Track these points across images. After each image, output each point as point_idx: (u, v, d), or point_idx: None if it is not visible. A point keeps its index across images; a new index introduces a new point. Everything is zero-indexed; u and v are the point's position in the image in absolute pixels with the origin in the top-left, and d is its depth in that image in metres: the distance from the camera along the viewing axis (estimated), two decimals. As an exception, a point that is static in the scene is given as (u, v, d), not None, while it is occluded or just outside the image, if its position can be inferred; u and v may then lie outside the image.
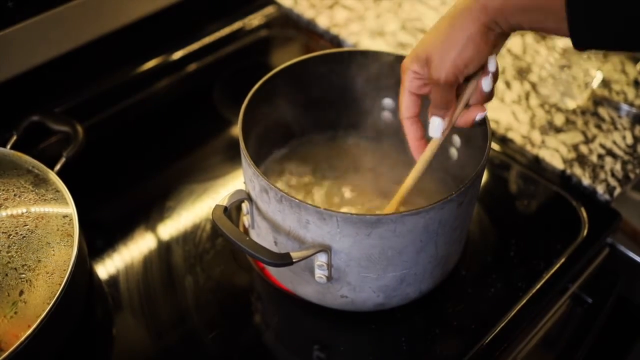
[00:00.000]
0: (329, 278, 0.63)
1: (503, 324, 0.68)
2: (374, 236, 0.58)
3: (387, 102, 0.79)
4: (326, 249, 0.60)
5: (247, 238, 0.58)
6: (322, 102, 0.79)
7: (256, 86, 0.69)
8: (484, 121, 0.63)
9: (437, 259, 0.65)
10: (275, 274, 0.72)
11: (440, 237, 0.62)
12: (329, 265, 0.61)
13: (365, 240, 0.58)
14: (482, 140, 0.65)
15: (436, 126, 0.61)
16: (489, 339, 0.67)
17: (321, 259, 0.61)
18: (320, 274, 0.62)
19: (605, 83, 0.96)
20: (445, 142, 0.77)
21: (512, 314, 0.69)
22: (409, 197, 0.68)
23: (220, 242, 0.76)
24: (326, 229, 0.58)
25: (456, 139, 0.75)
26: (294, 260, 0.58)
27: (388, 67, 0.74)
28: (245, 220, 0.70)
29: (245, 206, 0.67)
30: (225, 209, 0.60)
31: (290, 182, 0.79)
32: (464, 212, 0.63)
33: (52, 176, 0.70)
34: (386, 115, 0.80)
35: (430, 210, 0.57)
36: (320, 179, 0.79)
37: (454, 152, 0.76)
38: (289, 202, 0.58)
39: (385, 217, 0.57)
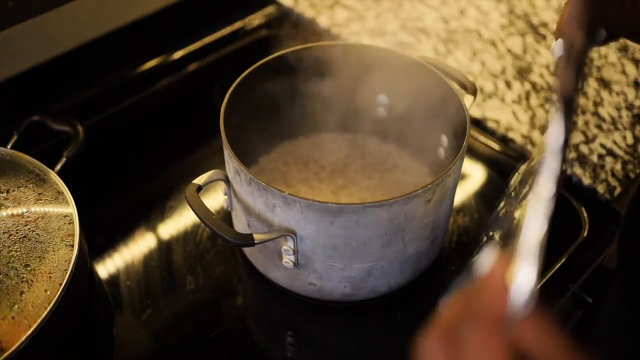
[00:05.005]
0: (296, 264, 0.63)
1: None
2: (337, 225, 0.58)
3: (382, 98, 0.79)
4: (291, 234, 0.60)
5: (214, 217, 0.59)
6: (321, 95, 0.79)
7: (253, 66, 0.70)
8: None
9: (405, 255, 0.64)
10: (251, 257, 0.72)
11: (408, 233, 0.62)
12: (295, 251, 0.62)
13: (329, 228, 0.59)
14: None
15: None
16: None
17: (287, 243, 0.61)
18: (287, 258, 0.63)
19: (605, 83, 0.96)
20: (434, 142, 0.76)
21: (513, 313, 0.69)
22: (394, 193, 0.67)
23: (220, 242, 0.76)
24: (291, 214, 0.58)
25: (443, 139, 0.74)
26: (255, 242, 0.58)
27: (381, 62, 0.73)
28: (225, 202, 0.70)
29: (222, 187, 0.67)
30: (199, 188, 0.61)
31: (287, 178, 0.79)
32: (435, 209, 0.62)
33: (53, 176, 0.70)
34: (381, 111, 0.80)
35: (394, 203, 0.57)
36: (316, 173, 0.79)
37: (441, 152, 0.76)
38: (257, 185, 0.59)
39: (347, 206, 0.57)
